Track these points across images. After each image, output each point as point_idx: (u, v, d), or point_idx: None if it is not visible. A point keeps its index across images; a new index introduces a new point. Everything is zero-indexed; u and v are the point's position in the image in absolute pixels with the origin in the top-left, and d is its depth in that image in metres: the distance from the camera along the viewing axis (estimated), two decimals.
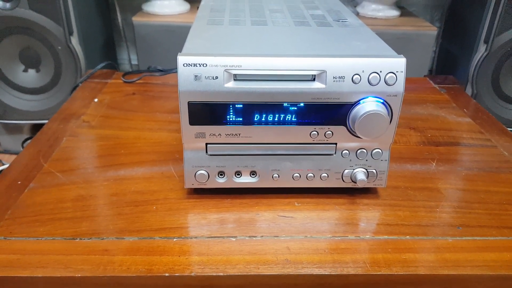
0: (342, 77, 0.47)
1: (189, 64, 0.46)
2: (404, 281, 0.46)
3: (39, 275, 0.43)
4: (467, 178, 0.61)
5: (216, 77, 0.46)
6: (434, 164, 0.64)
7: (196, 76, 0.46)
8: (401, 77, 0.47)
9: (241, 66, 0.46)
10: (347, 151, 0.52)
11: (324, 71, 0.47)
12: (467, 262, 0.47)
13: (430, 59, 1.49)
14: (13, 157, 1.42)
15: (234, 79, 0.47)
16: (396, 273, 0.45)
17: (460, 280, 0.46)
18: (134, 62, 1.75)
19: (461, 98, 0.87)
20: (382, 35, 0.57)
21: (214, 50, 0.49)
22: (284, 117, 0.49)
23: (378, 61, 0.46)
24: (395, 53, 0.49)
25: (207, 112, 0.48)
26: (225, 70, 0.46)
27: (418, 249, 0.48)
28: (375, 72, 0.46)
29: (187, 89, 0.47)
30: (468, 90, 1.29)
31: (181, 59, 0.46)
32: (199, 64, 0.46)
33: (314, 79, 0.47)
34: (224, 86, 0.47)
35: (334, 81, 0.47)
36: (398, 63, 0.47)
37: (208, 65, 0.46)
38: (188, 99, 0.47)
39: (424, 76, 0.98)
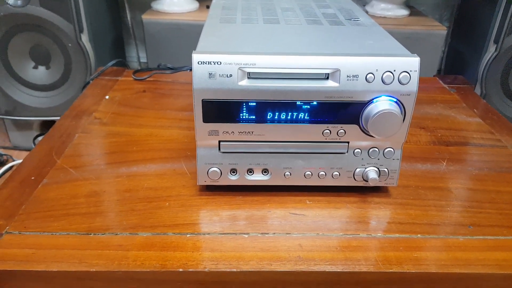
0: (355, 76, 0.47)
1: (203, 62, 0.46)
2: (415, 279, 0.46)
3: (54, 269, 0.44)
4: (478, 178, 0.61)
5: (230, 75, 0.47)
6: (444, 163, 0.64)
7: (210, 74, 0.46)
8: (415, 76, 0.47)
9: (255, 64, 0.46)
10: (359, 150, 0.52)
11: (337, 70, 0.47)
12: (478, 261, 0.47)
13: (439, 58, 1.48)
14: (23, 153, 1.44)
15: (248, 77, 0.47)
16: (407, 271, 0.45)
17: (471, 278, 0.46)
18: (142, 60, 1.76)
19: (471, 98, 0.87)
20: (391, 34, 0.57)
21: (228, 48, 0.50)
22: (297, 116, 0.49)
23: (392, 60, 0.47)
24: (408, 52, 0.49)
25: (221, 110, 0.49)
26: (239, 68, 0.46)
27: (429, 247, 0.48)
28: (388, 71, 0.47)
29: (201, 87, 0.47)
30: (477, 90, 1.28)
31: (196, 57, 0.46)
32: (213, 62, 0.46)
33: (327, 78, 0.48)
34: (238, 84, 0.47)
35: (347, 79, 0.47)
36: (412, 62, 0.47)
37: (222, 63, 0.46)
38: (202, 97, 0.47)
39: (434, 75, 0.98)
